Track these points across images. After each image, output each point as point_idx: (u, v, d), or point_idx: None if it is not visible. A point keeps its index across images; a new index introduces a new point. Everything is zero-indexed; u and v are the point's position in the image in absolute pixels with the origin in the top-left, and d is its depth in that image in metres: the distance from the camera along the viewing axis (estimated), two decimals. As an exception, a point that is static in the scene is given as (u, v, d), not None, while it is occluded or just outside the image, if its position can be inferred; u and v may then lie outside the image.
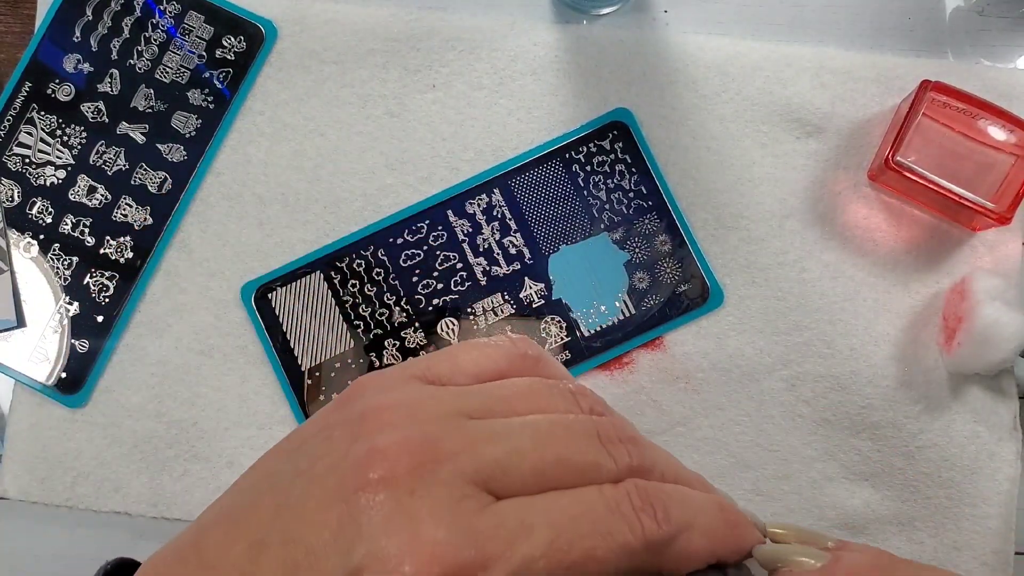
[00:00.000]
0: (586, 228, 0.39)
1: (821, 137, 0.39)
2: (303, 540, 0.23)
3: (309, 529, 0.23)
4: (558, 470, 0.24)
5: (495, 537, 0.22)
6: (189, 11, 0.40)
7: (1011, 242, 0.38)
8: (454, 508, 0.22)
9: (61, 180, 0.39)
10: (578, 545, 0.23)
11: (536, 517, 0.23)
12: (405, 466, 0.23)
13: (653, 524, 0.24)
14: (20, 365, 0.38)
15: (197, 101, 0.39)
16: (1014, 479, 0.37)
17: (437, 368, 0.27)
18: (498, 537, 0.22)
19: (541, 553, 0.22)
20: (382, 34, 0.40)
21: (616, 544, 0.23)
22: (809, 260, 0.39)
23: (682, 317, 0.38)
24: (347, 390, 0.26)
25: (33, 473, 0.38)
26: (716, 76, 0.39)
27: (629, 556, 0.23)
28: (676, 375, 0.38)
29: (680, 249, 0.38)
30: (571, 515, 0.23)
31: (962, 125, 0.36)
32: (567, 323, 0.38)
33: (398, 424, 0.24)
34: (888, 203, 0.39)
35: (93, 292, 0.39)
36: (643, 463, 0.25)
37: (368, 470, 0.23)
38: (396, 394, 0.25)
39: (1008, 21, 0.40)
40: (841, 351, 0.38)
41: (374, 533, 0.22)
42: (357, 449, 0.24)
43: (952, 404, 0.38)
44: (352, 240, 0.39)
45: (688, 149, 0.39)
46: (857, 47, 0.40)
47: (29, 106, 0.39)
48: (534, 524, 0.23)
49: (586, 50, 0.39)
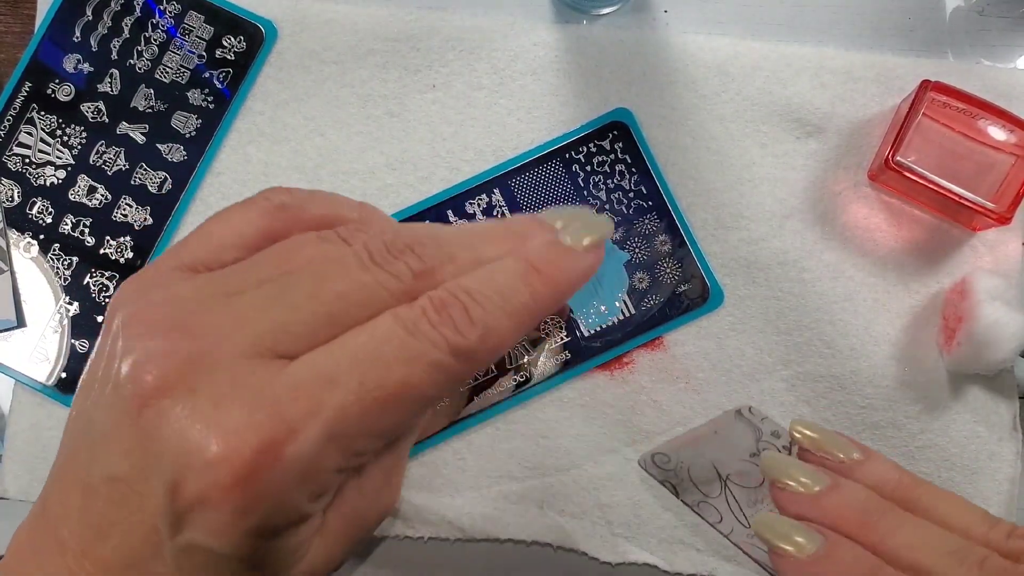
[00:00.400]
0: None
1: (821, 137, 0.39)
2: (117, 474, 0.22)
3: (117, 460, 0.22)
4: (341, 309, 0.22)
5: (297, 399, 0.21)
6: (189, 11, 0.40)
7: (1011, 242, 0.38)
8: (242, 387, 0.21)
9: (61, 180, 0.39)
10: (388, 379, 0.21)
11: (335, 365, 0.21)
12: (176, 367, 0.22)
13: (456, 335, 0.22)
14: (20, 365, 0.38)
15: (197, 101, 0.39)
16: (1014, 479, 0.37)
17: (194, 251, 0.25)
18: (300, 398, 0.21)
19: (352, 399, 0.21)
20: (382, 34, 0.40)
21: (426, 366, 0.22)
22: (809, 260, 0.39)
23: (682, 317, 0.38)
24: (110, 303, 0.24)
25: (33, 473, 0.38)
26: (716, 76, 0.39)
27: (445, 372, 0.22)
28: (676, 375, 0.38)
29: (680, 249, 0.38)
30: (371, 351, 0.22)
31: (962, 125, 0.36)
32: (567, 323, 0.38)
33: (158, 326, 0.23)
34: (888, 203, 0.39)
35: (93, 292, 0.39)
36: (428, 266, 0.23)
37: (141, 384, 0.22)
38: (154, 295, 0.24)
39: (1008, 21, 0.40)
40: (841, 351, 0.38)
41: (172, 445, 0.21)
42: (125, 366, 0.22)
43: (952, 404, 0.38)
44: (352, 240, 0.39)
45: (688, 149, 0.39)
46: (857, 47, 0.40)
47: (29, 106, 0.39)
48: (335, 373, 0.21)
49: (586, 50, 0.39)
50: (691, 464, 0.35)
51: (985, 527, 0.27)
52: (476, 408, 0.37)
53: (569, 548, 0.37)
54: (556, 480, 0.37)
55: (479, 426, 0.38)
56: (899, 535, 0.26)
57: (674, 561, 0.37)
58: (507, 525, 0.37)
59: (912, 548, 0.26)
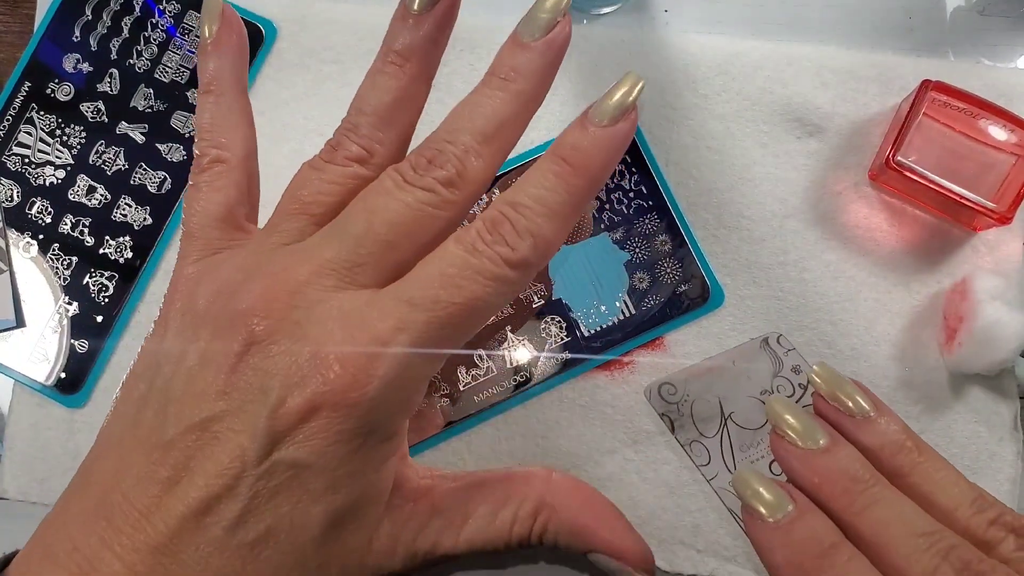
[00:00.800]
0: (586, 227, 0.39)
1: (822, 137, 0.39)
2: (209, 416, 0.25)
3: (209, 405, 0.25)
4: (398, 234, 0.26)
5: (386, 319, 0.24)
6: (189, 11, 0.40)
7: (1012, 242, 0.38)
8: (338, 315, 0.25)
9: (60, 180, 0.39)
10: (458, 296, 0.25)
11: (413, 290, 0.25)
12: (279, 311, 0.25)
13: (508, 250, 0.25)
14: (20, 365, 0.38)
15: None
16: (1014, 479, 0.37)
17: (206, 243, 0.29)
18: (388, 318, 0.24)
19: (430, 315, 0.24)
20: (381, 33, 0.39)
21: (488, 280, 0.25)
22: (810, 260, 0.39)
23: (682, 317, 0.38)
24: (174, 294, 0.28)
25: (33, 473, 0.38)
26: (716, 76, 0.39)
27: (505, 282, 0.25)
28: (676, 375, 0.38)
29: (680, 249, 0.38)
30: (440, 274, 0.25)
31: (963, 125, 0.36)
32: (567, 323, 0.38)
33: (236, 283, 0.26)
34: (889, 203, 0.39)
35: (93, 292, 0.39)
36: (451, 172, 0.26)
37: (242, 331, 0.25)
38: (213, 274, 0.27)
39: (1009, 21, 0.40)
40: (842, 351, 0.38)
41: (281, 369, 0.24)
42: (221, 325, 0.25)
43: (953, 404, 0.38)
44: (352, 240, 0.39)
45: (688, 149, 0.39)
46: (858, 46, 0.40)
47: (29, 106, 0.39)
48: (414, 296, 0.25)
49: (586, 49, 0.39)
50: (696, 398, 0.35)
51: (971, 510, 0.26)
52: (476, 408, 0.37)
53: (569, 548, 0.37)
54: (556, 480, 0.37)
55: (479, 426, 0.38)
56: (876, 510, 0.26)
57: (674, 561, 0.37)
58: (507, 525, 0.37)
59: (884, 525, 0.26)
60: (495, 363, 0.38)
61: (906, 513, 0.26)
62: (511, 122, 0.27)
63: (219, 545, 0.24)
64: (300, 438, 0.24)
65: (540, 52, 0.28)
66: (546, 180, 0.26)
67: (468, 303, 0.25)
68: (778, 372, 0.36)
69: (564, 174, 0.26)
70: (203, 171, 0.29)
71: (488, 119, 0.26)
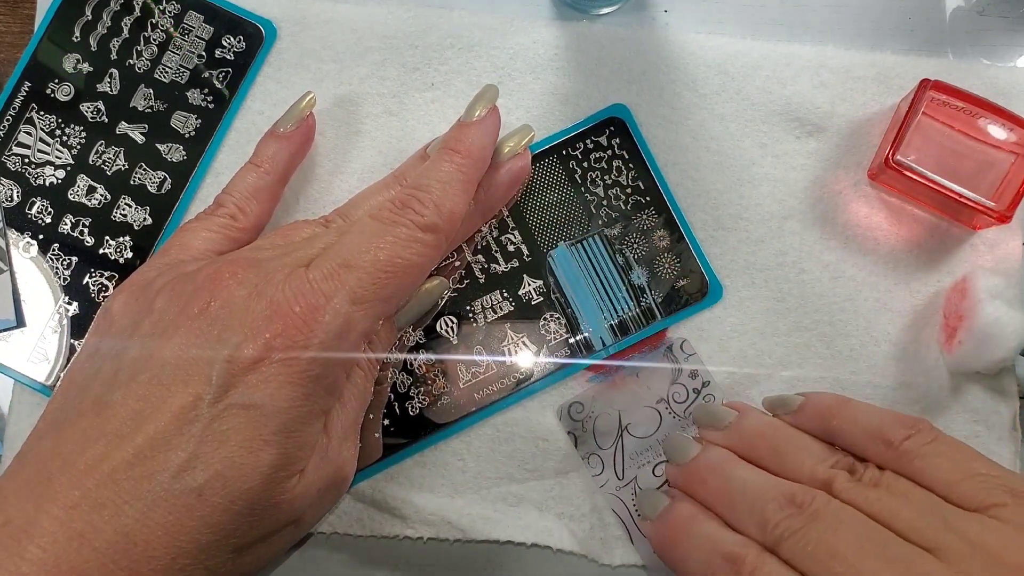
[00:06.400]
0: (584, 224, 0.39)
1: (821, 136, 0.39)
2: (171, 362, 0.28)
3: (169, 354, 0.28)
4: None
5: (327, 278, 0.30)
6: (188, 11, 0.40)
7: (1012, 240, 0.38)
8: (289, 278, 0.30)
9: (60, 180, 0.39)
10: (381, 255, 0.30)
11: (346, 255, 0.30)
12: (232, 276, 0.30)
13: (416, 215, 0.31)
14: (20, 365, 0.38)
15: (196, 101, 0.39)
16: (1015, 479, 0.37)
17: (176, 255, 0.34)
18: (329, 278, 0.30)
19: (363, 274, 0.30)
20: (380, 32, 0.40)
21: (403, 241, 0.31)
22: (809, 260, 0.39)
23: (682, 312, 0.38)
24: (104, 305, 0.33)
25: (32, 473, 0.38)
26: (716, 75, 0.39)
27: (420, 243, 0.31)
28: (676, 375, 0.38)
29: (678, 244, 0.38)
30: (364, 240, 0.31)
31: (962, 124, 0.36)
32: (566, 320, 0.38)
33: (196, 265, 0.32)
34: (888, 202, 0.39)
35: (93, 292, 0.39)
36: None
37: (200, 295, 0.29)
38: (175, 269, 0.32)
39: (1008, 21, 0.40)
40: (841, 351, 0.38)
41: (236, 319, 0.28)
42: (175, 295, 0.30)
43: (952, 404, 0.38)
44: (351, 239, 0.39)
45: (688, 149, 0.39)
46: (857, 46, 0.40)
47: (28, 106, 0.39)
48: (348, 259, 0.30)
49: (586, 49, 0.39)
50: (600, 414, 0.37)
51: (813, 461, 0.31)
52: (475, 408, 0.37)
53: (568, 551, 0.37)
54: (555, 482, 0.37)
55: (479, 427, 0.38)
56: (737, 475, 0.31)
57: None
58: (506, 527, 0.37)
59: (727, 492, 0.31)
60: (494, 361, 0.38)
61: (747, 478, 0.31)
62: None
63: (164, 493, 0.25)
64: (254, 380, 0.28)
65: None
66: (439, 164, 0.33)
67: (392, 261, 0.30)
68: (675, 379, 0.37)
69: (452, 157, 0.33)
70: (211, 215, 0.34)
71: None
